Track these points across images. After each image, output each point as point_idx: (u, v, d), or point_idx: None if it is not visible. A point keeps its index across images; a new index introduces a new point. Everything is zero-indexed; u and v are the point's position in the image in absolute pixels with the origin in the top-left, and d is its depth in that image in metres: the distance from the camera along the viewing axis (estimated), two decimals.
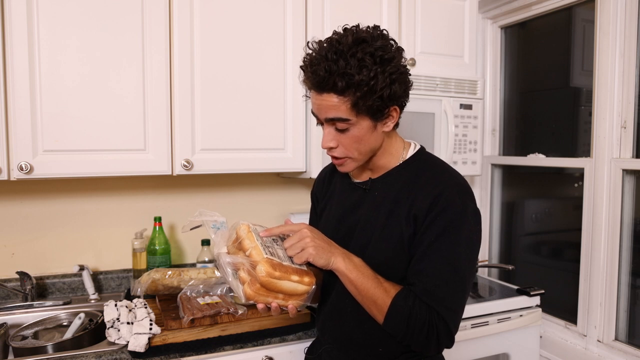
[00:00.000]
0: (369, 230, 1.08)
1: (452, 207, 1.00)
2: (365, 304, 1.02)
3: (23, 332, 1.46)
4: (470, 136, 2.03)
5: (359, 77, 0.93)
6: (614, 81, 1.76)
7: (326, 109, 0.99)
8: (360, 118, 0.99)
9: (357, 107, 0.96)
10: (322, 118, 1.02)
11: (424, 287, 0.98)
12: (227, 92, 1.64)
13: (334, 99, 0.96)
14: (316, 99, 1.00)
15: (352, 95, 0.95)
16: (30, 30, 1.39)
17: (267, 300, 0.98)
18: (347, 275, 1.00)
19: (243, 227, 1.02)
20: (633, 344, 1.75)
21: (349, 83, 0.93)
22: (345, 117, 0.98)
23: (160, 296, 1.60)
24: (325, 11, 1.76)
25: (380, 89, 0.95)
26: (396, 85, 0.98)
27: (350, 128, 1.00)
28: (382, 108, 0.99)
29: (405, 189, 1.06)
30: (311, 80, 0.98)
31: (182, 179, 1.91)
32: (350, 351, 1.13)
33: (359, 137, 1.01)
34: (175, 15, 1.55)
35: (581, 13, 1.97)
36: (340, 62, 0.93)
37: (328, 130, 1.02)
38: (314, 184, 1.33)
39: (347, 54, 0.93)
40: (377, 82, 0.94)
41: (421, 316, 0.97)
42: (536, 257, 2.27)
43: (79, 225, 1.79)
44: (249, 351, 1.41)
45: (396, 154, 1.11)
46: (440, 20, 1.97)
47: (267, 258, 0.95)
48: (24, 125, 1.39)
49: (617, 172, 1.76)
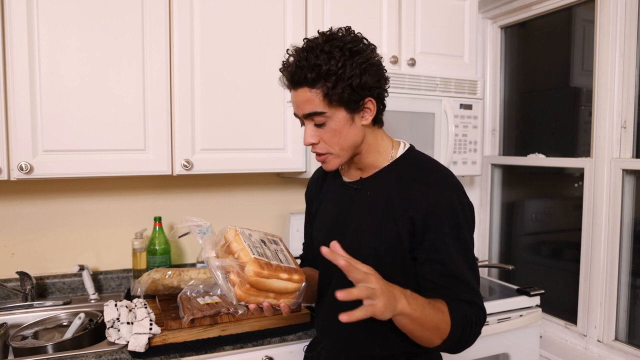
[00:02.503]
0: (363, 229, 1.08)
1: (452, 207, 1.02)
2: (425, 335, 0.96)
3: (23, 332, 1.46)
4: (470, 136, 2.03)
5: (326, 67, 0.97)
6: (614, 81, 1.76)
7: (302, 104, 1.02)
8: (334, 109, 1.01)
9: (329, 98, 0.99)
10: (300, 115, 1.05)
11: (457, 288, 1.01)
12: (227, 92, 1.64)
13: (307, 93, 1.00)
14: (293, 97, 1.05)
15: (322, 87, 0.99)
16: (30, 30, 1.39)
17: (259, 300, 0.98)
18: (412, 315, 0.92)
19: (230, 231, 1.03)
20: (633, 344, 1.75)
21: (318, 74, 0.97)
22: (320, 109, 1.01)
23: (160, 296, 1.60)
24: (325, 11, 1.76)
25: (349, 77, 0.98)
26: (367, 76, 1.00)
27: (328, 121, 1.02)
28: (355, 99, 1.01)
29: (398, 188, 1.06)
30: (286, 78, 1.04)
31: (182, 179, 1.91)
32: (349, 351, 1.14)
33: (338, 130, 1.03)
34: (175, 15, 1.55)
35: (581, 13, 1.97)
36: (309, 56, 0.98)
37: (309, 127, 1.05)
38: (308, 185, 1.34)
39: (316, 50, 0.99)
40: (345, 71, 0.97)
41: (472, 314, 1.00)
42: (536, 257, 2.27)
43: (79, 225, 1.79)
44: (249, 351, 1.41)
45: (384, 152, 1.12)
46: (440, 20, 1.97)
47: (254, 258, 0.96)
48: (24, 125, 1.39)
49: (617, 172, 1.76)
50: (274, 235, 1.15)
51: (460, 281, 1.01)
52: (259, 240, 1.06)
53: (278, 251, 1.08)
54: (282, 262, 1.02)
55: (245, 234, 1.04)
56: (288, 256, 1.09)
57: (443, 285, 1.02)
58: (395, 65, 1.85)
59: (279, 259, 1.03)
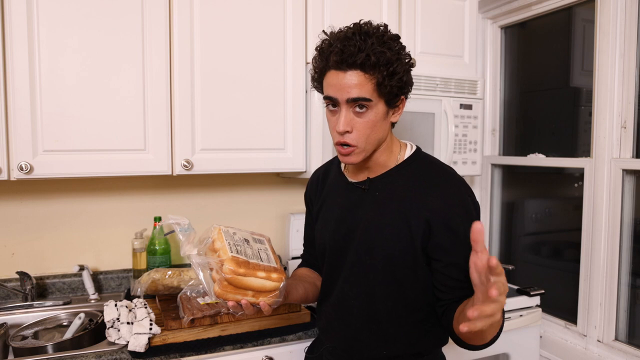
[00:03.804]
0: (374, 230, 1.07)
1: (466, 207, 1.03)
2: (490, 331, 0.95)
3: (23, 332, 1.46)
4: (470, 136, 2.03)
5: (389, 54, 0.95)
6: (614, 81, 1.76)
7: (350, 87, 0.97)
8: (379, 100, 0.99)
9: (380, 88, 0.97)
10: (343, 99, 0.99)
11: None
12: (227, 92, 1.64)
13: (360, 77, 0.96)
14: (338, 78, 0.98)
15: (378, 74, 0.96)
16: (30, 30, 1.39)
17: (237, 298, 0.99)
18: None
19: (215, 230, 1.05)
20: (633, 344, 1.75)
21: (379, 59, 0.94)
22: (369, 96, 0.97)
23: (160, 296, 1.60)
24: (325, 11, 1.76)
25: (401, 71, 0.98)
26: (409, 74, 1.01)
27: (369, 111, 0.99)
28: (398, 94, 1.01)
29: (410, 189, 1.06)
30: (337, 57, 0.96)
31: (182, 179, 1.91)
32: (354, 352, 1.13)
33: (374, 122, 1.01)
34: (175, 15, 1.55)
35: (581, 13, 1.97)
36: (368, 40, 0.95)
37: (346, 113, 1.00)
38: (307, 187, 1.32)
39: (374, 35, 0.96)
40: (399, 65, 0.97)
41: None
42: (536, 257, 2.27)
43: (79, 225, 1.79)
44: (249, 351, 1.41)
45: (394, 153, 1.12)
46: (440, 20, 1.97)
47: (232, 256, 0.98)
48: (24, 125, 1.39)
49: (617, 172, 1.76)
50: (261, 235, 1.16)
51: None
52: (242, 239, 1.07)
53: (261, 250, 1.08)
54: (261, 261, 1.03)
55: (229, 232, 1.06)
56: (271, 255, 1.09)
57: (463, 286, 1.01)
58: None
59: (260, 258, 1.04)
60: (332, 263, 1.16)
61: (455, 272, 1.02)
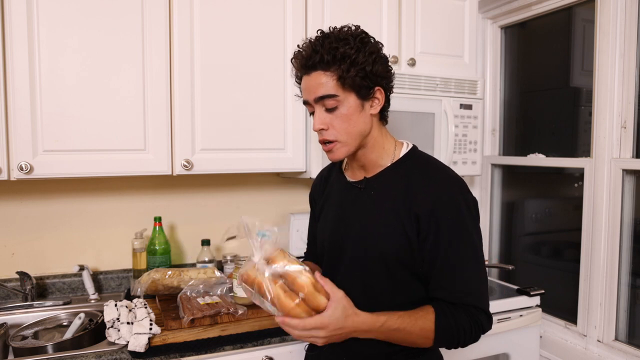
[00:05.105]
0: (369, 228, 1.09)
1: (456, 205, 1.03)
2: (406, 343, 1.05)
3: (23, 332, 1.46)
4: (470, 136, 2.03)
5: (342, 50, 1.00)
6: (614, 81, 1.76)
7: (315, 87, 1.03)
8: (346, 94, 1.03)
9: (342, 81, 1.01)
10: (311, 99, 1.05)
11: (457, 290, 1.02)
12: (227, 92, 1.64)
13: (321, 77, 1.02)
14: (305, 82, 1.06)
15: (337, 70, 1.01)
16: (30, 30, 1.39)
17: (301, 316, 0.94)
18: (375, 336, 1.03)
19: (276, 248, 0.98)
20: (633, 344, 1.75)
21: (334, 56, 1.00)
22: (333, 92, 1.02)
23: (160, 296, 1.60)
24: (325, 11, 1.76)
25: (362, 62, 1.01)
26: (377, 65, 1.04)
27: (339, 106, 1.04)
28: (367, 85, 1.04)
29: (403, 187, 1.07)
30: (300, 63, 1.06)
31: (182, 179, 1.91)
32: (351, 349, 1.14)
33: (348, 116, 1.04)
34: (175, 15, 1.55)
35: (581, 13, 1.97)
36: (325, 41, 1.02)
37: (319, 112, 1.06)
38: (312, 188, 1.35)
39: (331, 37, 1.03)
40: (358, 56, 1.01)
41: (465, 322, 1.01)
42: (536, 257, 2.27)
43: (79, 225, 1.79)
44: (249, 351, 1.41)
45: (388, 151, 1.13)
46: (440, 21, 1.97)
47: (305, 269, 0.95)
48: (24, 125, 1.39)
49: (617, 172, 1.76)
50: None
51: (463, 283, 1.02)
52: None
53: None
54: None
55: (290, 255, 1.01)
56: None
57: (443, 286, 1.03)
58: (395, 65, 1.85)
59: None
60: (331, 261, 1.18)
61: (432, 272, 1.05)
